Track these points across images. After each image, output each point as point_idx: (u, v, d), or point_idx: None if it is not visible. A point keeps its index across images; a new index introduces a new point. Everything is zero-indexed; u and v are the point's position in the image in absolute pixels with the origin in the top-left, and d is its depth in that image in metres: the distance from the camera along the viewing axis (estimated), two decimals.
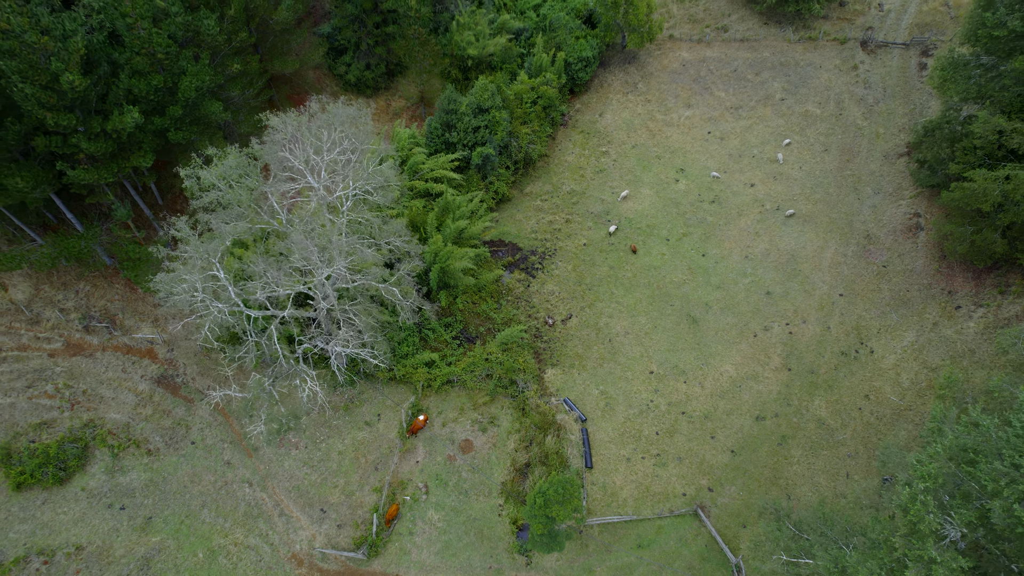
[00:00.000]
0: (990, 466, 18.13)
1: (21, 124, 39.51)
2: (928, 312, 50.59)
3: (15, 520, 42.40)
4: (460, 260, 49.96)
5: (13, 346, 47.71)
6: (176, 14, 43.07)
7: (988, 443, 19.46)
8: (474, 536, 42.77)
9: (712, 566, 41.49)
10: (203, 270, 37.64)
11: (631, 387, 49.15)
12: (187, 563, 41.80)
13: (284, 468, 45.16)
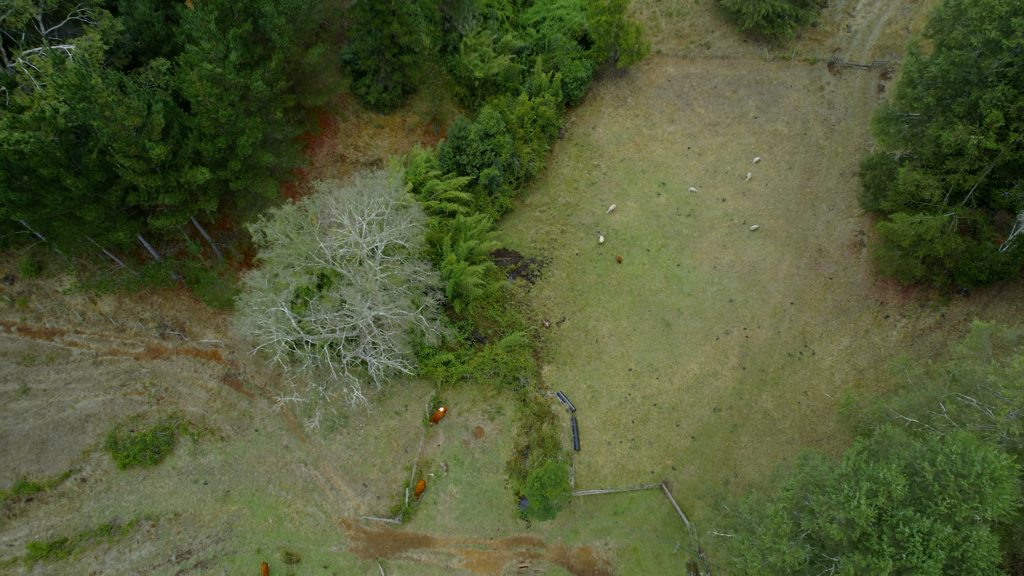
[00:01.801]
0: (818, 497, 29.22)
1: (119, 187, 49.37)
2: (862, 320, 61.44)
3: (125, 493, 54.51)
4: (471, 276, 60.37)
5: (106, 351, 58.84)
6: (233, 82, 52.07)
7: (820, 479, 30.52)
8: (485, 505, 55.01)
9: (672, 529, 53.82)
10: (267, 305, 48.30)
11: (613, 382, 60.52)
12: (260, 527, 54.16)
13: (332, 451, 57.05)
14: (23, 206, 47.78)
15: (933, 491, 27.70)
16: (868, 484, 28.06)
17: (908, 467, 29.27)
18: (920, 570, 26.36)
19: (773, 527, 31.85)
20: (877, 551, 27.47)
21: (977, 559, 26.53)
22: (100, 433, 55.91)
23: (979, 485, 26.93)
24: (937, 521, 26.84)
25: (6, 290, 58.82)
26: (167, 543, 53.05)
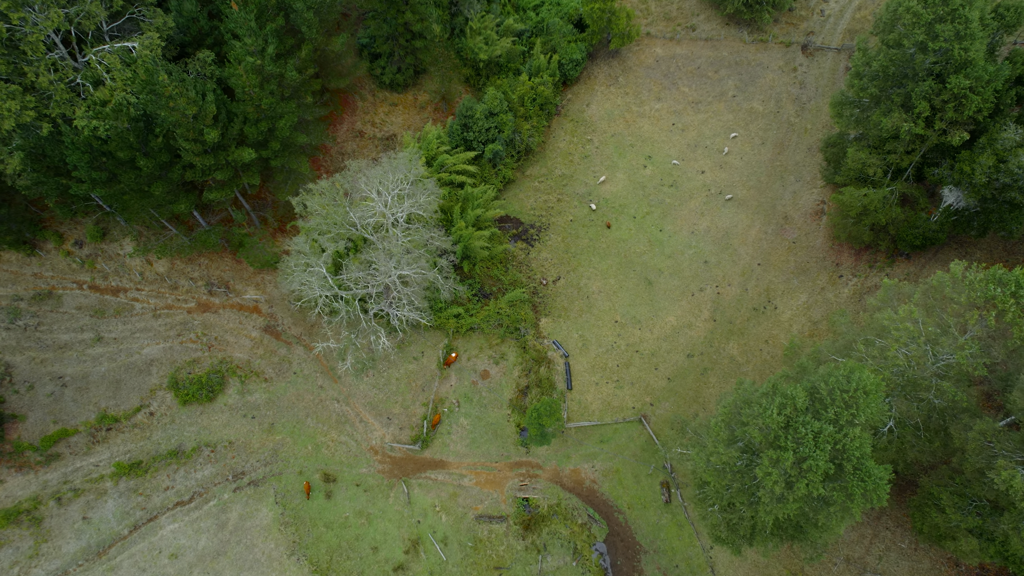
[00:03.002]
0: (746, 410, 39.46)
1: (179, 166, 58.88)
2: (819, 279, 71.41)
3: (186, 425, 65.30)
4: (478, 240, 70.17)
5: (163, 306, 69.03)
6: (271, 72, 61.04)
7: (749, 397, 40.65)
8: (491, 435, 65.85)
9: (648, 454, 64.70)
10: (308, 266, 58.26)
11: (601, 332, 70.82)
12: (302, 452, 65.08)
13: (360, 390, 67.69)
14: (102, 183, 57.34)
15: (825, 403, 37.84)
16: (780, 399, 38.24)
17: (812, 387, 39.38)
18: (812, 458, 36.66)
19: (714, 435, 42.22)
20: (783, 447, 37.75)
21: (852, 450, 36.75)
22: (163, 375, 66.49)
23: (856, 397, 37.00)
24: (826, 423, 37.00)
25: (76, 253, 68.75)
26: (224, 465, 64.06)
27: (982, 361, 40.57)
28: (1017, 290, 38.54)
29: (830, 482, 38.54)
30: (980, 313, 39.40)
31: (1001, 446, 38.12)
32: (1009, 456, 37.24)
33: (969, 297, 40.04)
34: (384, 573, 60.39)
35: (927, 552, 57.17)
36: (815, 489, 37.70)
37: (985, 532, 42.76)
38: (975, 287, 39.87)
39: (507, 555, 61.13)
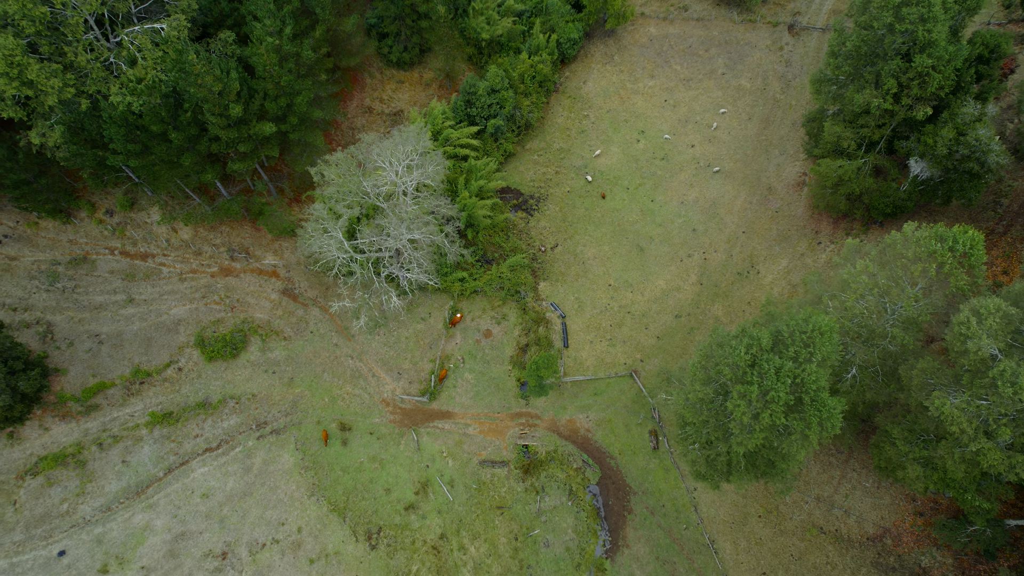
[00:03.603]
0: (718, 351, 45.39)
1: (206, 138, 64.38)
2: (800, 246, 77.17)
3: (212, 379, 71.43)
4: (481, 209, 75.84)
5: (188, 270, 74.87)
6: (288, 51, 66.29)
7: (721, 340, 46.53)
8: (493, 388, 72.03)
9: (638, 405, 70.91)
10: (326, 231, 63.98)
11: (595, 295, 76.74)
12: (319, 404, 71.29)
13: (372, 347, 73.75)
14: (136, 154, 62.92)
15: (787, 343, 43.74)
16: (747, 340, 44.19)
17: (776, 330, 45.25)
18: (774, 390, 42.65)
19: (691, 376, 48.26)
20: (750, 382, 43.73)
21: (809, 383, 42.69)
22: (190, 333, 72.51)
23: (813, 337, 42.87)
24: (786, 360, 42.92)
25: (108, 221, 74.45)
26: (248, 416, 70.30)
27: (927, 308, 46.49)
28: (954, 244, 44.29)
29: (791, 413, 44.62)
30: (923, 266, 45.20)
31: (938, 381, 44.09)
32: (943, 388, 43.21)
33: (915, 252, 45.83)
34: (396, 512, 66.85)
35: (888, 490, 63.62)
36: (778, 419, 43.79)
37: (929, 461, 48.92)
38: (920, 243, 45.65)
39: (508, 496, 67.56)
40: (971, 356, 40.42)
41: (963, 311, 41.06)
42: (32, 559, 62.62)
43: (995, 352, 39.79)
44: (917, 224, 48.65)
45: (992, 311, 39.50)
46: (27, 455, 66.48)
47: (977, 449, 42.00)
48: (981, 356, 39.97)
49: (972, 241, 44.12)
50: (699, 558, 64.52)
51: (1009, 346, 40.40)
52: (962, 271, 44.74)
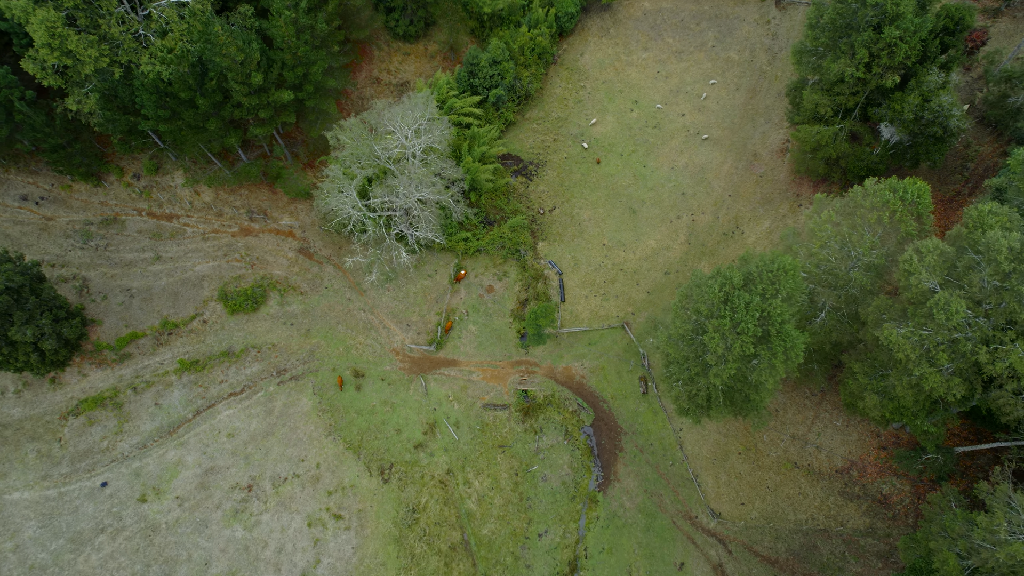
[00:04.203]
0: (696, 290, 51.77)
1: (230, 105, 70.21)
2: (782, 208, 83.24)
3: (234, 331, 77.84)
4: (484, 173, 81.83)
5: (210, 230, 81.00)
6: (304, 24, 71.88)
7: (699, 281, 52.97)
8: (495, 339, 78.50)
9: (630, 354, 77.41)
10: (341, 190, 70.02)
11: (590, 254, 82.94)
12: (334, 353, 77.78)
13: (383, 302, 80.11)
14: (165, 119, 68.76)
15: (755, 281, 49.98)
16: (720, 279, 50.48)
17: (747, 272, 51.46)
18: (744, 322, 48.93)
19: (673, 314, 54.64)
20: (723, 316, 50.02)
21: (775, 316, 48.91)
22: (213, 288, 78.83)
23: (778, 275, 49.07)
24: (755, 296, 49.16)
25: (135, 184, 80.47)
26: (269, 364, 76.83)
27: (882, 253, 52.69)
28: (904, 194, 50.33)
29: (760, 344, 51.01)
30: (879, 214, 51.30)
31: (889, 315, 50.37)
32: (893, 321, 49.48)
33: (872, 202, 51.94)
34: (406, 450, 73.61)
35: (855, 427, 70.31)
36: (747, 349, 50.19)
37: (884, 391, 55.37)
38: (877, 194, 51.74)
39: (509, 436, 74.28)
40: (913, 290, 46.73)
41: (908, 251, 47.29)
42: (78, 489, 69.48)
43: (933, 286, 46.05)
44: (877, 179, 54.77)
45: (931, 250, 45.73)
46: (68, 398, 73.10)
47: (920, 374, 48.42)
48: (921, 289, 46.27)
49: (919, 191, 50.27)
50: (683, 491, 71.35)
51: (945, 281, 46.65)
52: (911, 218, 50.91)
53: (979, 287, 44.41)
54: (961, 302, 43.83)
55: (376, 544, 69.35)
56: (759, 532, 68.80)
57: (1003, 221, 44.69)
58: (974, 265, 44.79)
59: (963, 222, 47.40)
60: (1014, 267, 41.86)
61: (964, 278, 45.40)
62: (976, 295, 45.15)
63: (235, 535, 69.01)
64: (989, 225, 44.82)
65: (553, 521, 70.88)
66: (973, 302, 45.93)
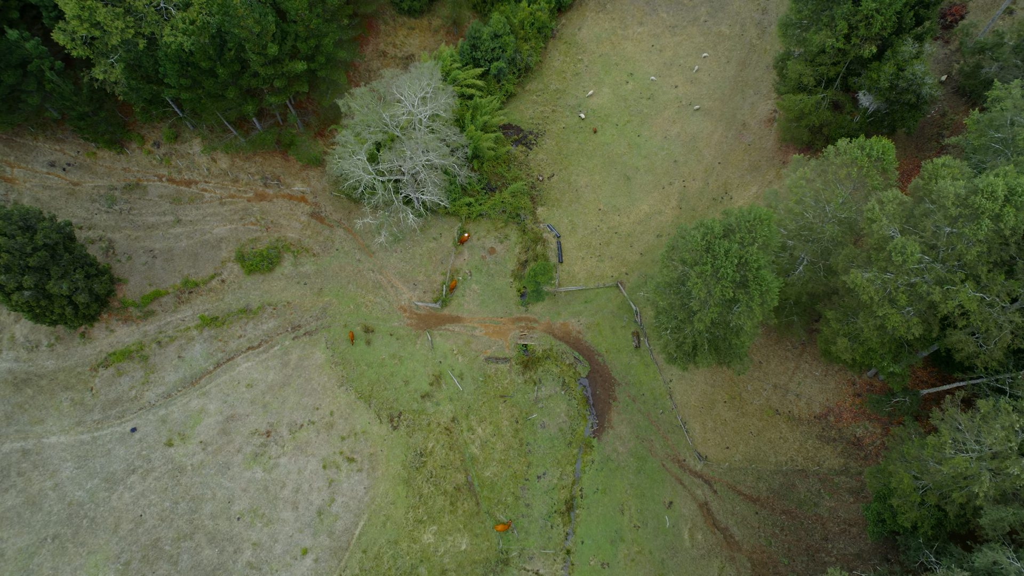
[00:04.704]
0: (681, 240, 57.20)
1: (247, 74, 75.30)
2: (768, 174, 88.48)
3: (251, 290, 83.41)
4: (486, 141, 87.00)
5: (227, 195, 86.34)
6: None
7: (684, 232, 58.22)
8: (497, 297, 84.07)
9: (623, 311, 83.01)
10: (352, 155, 75.30)
11: (587, 218, 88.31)
12: (345, 310, 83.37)
13: (390, 262, 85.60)
14: (187, 88, 73.88)
15: (734, 230, 55.41)
16: (703, 229, 55.92)
17: (727, 223, 56.87)
18: (724, 267, 54.39)
19: (660, 263, 60.10)
20: (704, 263, 55.50)
21: (752, 262, 54.32)
22: (230, 250, 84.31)
23: (755, 224, 54.46)
24: (733, 243, 54.56)
25: (155, 152, 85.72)
26: (284, 320, 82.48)
27: (852, 206, 58.09)
28: (870, 151, 55.62)
29: (738, 288, 56.53)
30: (848, 170, 56.65)
31: (856, 262, 55.84)
32: (859, 266, 54.98)
33: (842, 160, 57.27)
34: (414, 399, 79.41)
35: (833, 377, 76.07)
36: (727, 293, 55.71)
37: (854, 336, 60.95)
38: (846, 152, 57.07)
39: (510, 387, 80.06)
40: (875, 236, 52.18)
41: (871, 201, 52.69)
42: (110, 434, 75.39)
43: (893, 232, 51.49)
44: (849, 140, 60.06)
45: (891, 199, 51.14)
46: (97, 351, 78.83)
47: (883, 315, 53.96)
48: (882, 235, 51.72)
49: (884, 148, 55.61)
50: (672, 436, 77.24)
51: (904, 228, 52.08)
52: (877, 173, 56.26)
53: (931, 232, 49.83)
54: (916, 245, 49.28)
55: (386, 485, 75.35)
56: (742, 473, 74.75)
57: (954, 172, 50.01)
58: (928, 212, 50.18)
59: (920, 174, 52.70)
60: (960, 212, 47.22)
61: (919, 224, 50.80)
62: (930, 240, 50.59)
63: (255, 476, 75.00)
64: (942, 176, 50.15)
65: (551, 464, 76.82)
66: (928, 247, 51.38)
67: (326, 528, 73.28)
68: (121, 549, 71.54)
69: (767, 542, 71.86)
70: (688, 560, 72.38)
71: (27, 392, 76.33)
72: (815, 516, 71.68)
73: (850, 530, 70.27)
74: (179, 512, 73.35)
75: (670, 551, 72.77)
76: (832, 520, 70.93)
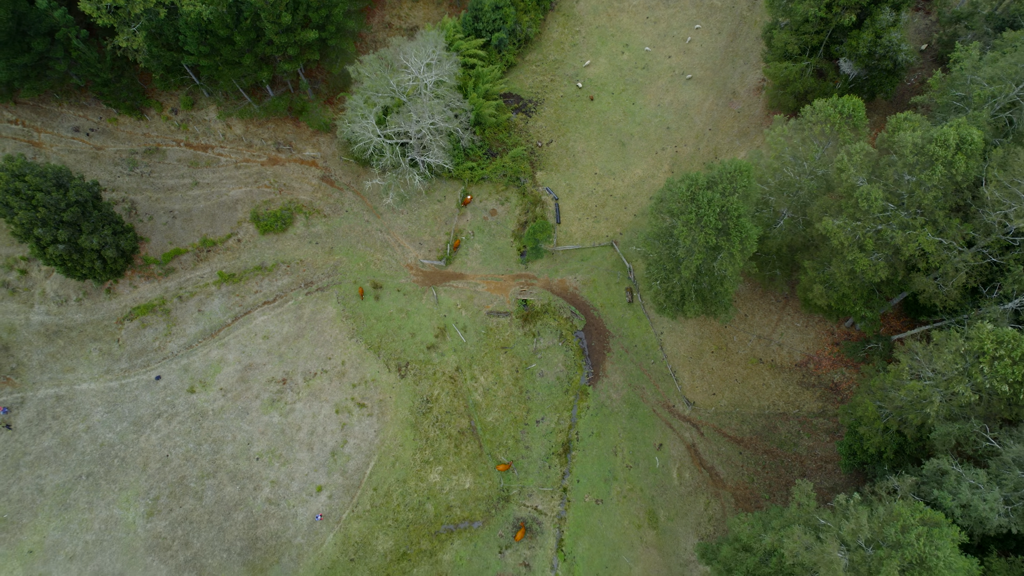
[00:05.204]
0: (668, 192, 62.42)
1: (263, 42, 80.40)
2: (756, 140, 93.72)
3: (266, 249, 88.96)
4: (488, 108, 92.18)
5: (242, 159, 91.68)
6: None
7: (672, 186, 63.54)
8: (498, 256, 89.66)
9: (618, 268, 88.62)
10: (362, 118, 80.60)
11: (584, 181, 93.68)
12: (355, 268, 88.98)
13: (397, 223, 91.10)
14: (205, 55, 78.99)
15: (717, 180, 60.86)
16: (687, 181, 61.35)
17: (710, 175, 62.28)
18: (706, 215, 59.86)
19: (649, 215, 65.64)
20: (689, 212, 60.95)
21: (732, 210, 59.76)
22: (246, 211, 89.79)
23: (735, 175, 59.87)
24: (715, 193, 59.98)
25: (173, 118, 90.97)
26: (297, 277, 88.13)
27: (826, 160, 63.50)
28: (843, 109, 60.98)
29: (720, 236, 62.04)
30: (822, 127, 62.04)
31: (829, 212, 61.34)
32: (830, 214, 60.49)
33: (817, 117, 62.63)
34: (420, 350, 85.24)
35: (813, 327, 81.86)
36: (710, 240, 61.26)
37: (828, 282, 66.58)
38: (821, 110, 62.42)
39: (511, 339, 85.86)
40: (844, 184, 57.66)
41: (840, 152, 58.13)
42: (136, 381, 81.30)
43: (860, 181, 56.97)
44: (825, 100, 65.36)
45: (858, 151, 56.56)
46: (122, 306, 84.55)
47: (852, 259, 59.56)
48: (851, 184, 57.20)
49: (854, 106, 60.97)
50: (663, 384, 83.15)
51: (870, 177, 57.56)
52: (848, 129, 61.65)
53: (894, 180, 55.30)
54: (880, 192, 54.78)
55: (395, 428, 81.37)
56: (727, 417, 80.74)
57: (914, 125, 55.41)
58: (892, 163, 55.61)
59: (885, 128, 58.10)
60: (917, 159, 52.64)
61: (884, 174, 56.26)
62: (893, 188, 56.08)
63: (272, 420, 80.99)
64: (904, 129, 55.51)
65: (549, 410, 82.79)
66: (892, 194, 56.88)
67: (339, 467, 79.38)
68: (150, 486, 77.69)
69: (749, 479, 77.97)
70: (676, 497, 78.53)
71: (59, 343, 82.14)
72: (794, 455, 77.74)
73: (826, 466, 76.36)
74: (202, 453, 79.40)
75: (660, 489, 78.89)
76: (810, 458, 77.00)
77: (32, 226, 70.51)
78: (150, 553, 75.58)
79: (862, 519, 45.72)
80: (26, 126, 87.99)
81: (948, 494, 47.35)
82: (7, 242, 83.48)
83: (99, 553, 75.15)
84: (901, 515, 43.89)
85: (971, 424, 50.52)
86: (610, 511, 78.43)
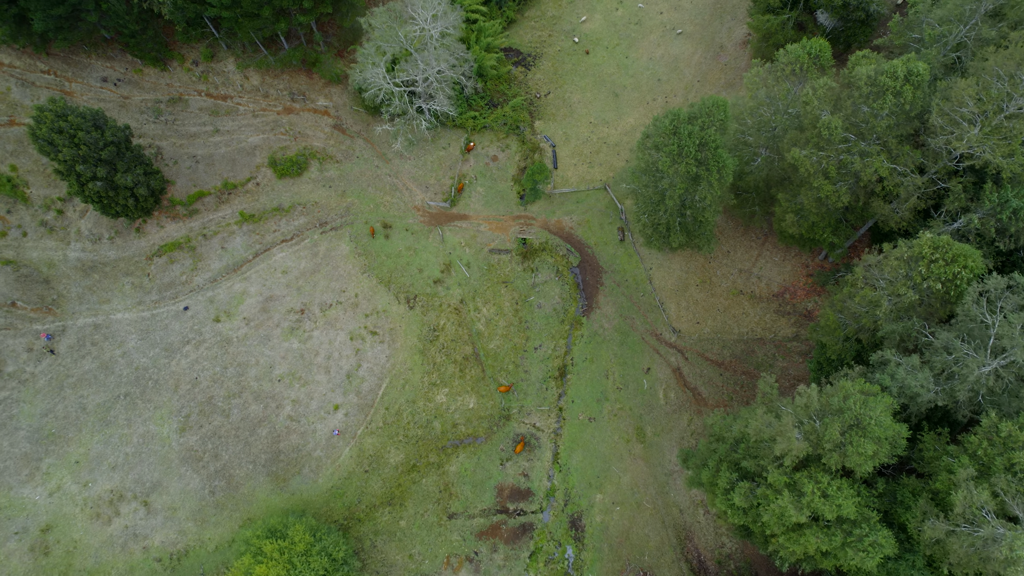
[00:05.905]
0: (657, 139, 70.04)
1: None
2: (741, 91, 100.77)
3: (282, 191, 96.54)
4: (489, 61, 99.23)
5: (259, 109, 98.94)
6: None
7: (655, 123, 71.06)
8: (499, 198, 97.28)
9: (610, 209, 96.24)
10: (373, 66, 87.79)
11: (579, 130, 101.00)
12: (366, 209, 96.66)
13: (405, 168, 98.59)
14: (227, 7, 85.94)
15: (697, 115, 68.29)
16: (671, 115, 68.86)
17: (692, 111, 69.72)
18: (687, 146, 67.39)
19: (637, 150, 73.26)
20: (671, 143, 68.42)
21: (710, 142, 67.19)
22: (263, 156, 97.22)
23: (713, 110, 67.32)
24: (695, 127, 67.47)
25: (194, 70, 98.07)
26: (313, 217, 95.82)
27: (797, 99, 70.86)
28: (811, 50, 68.23)
29: (700, 166, 69.56)
30: (792, 67, 69.35)
31: (798, 144, 68.82)
32: (799, 145, 67.99)
33: (788, 59, 69.91)
34: (427, 284, 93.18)
35: (790, 261, 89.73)
36: (691, 169, 68.82)
37: (799, 211, 74.21)
38: (792, 52, 69.67)
39: (511, 274, 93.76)
40: (810, 116, 65.16)
41: (805, 87, 65.55)
42: (166, 312, 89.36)
43: (824, 112, 64.43)
44: (796, 44, 72.57)
45: (822, 85, 63.97)
46: (151, 244, 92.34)
47: (818, 185, 67.20)
48: (815, 115, 64.68)
49: (821, 47, 68.26)
50: (651, 315, 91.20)
51: (832, 109, 65.02)
52: (815, 68, 68.99)
53: (852, 110, 62.81)
54: (839, 122, 62.30)
55: (405, 354, 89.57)
56: (710, 343, 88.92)
57: (871, 61, 62.74)
58: (850, 95, 63.05)
59: (847, 65, 65.43)
60: (870, 89, 60.07)
61: (843, 106, 63.74)
62: (851, 118, 63.59)
63: (292, 346, 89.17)
64: (861, 65, 62.84)
65: (546, 338, 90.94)
66: (852, 124, 64.39)
67: (354, 388, 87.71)
68: (182, 405, 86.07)
69: (729, 398, 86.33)
70: (662, 415, 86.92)
71: (94, 277, 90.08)
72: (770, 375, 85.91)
73: (798, 385, 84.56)
74: (228, 375, 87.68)
75: (647, 407, 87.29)
76: (784, 377, 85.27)
77: (74, 163, 78.03)
78: (184, 464, 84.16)
79: (813, 396, 53.94)
80: (58, 76, 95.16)
81: (888, 376, 55.43)
82: (44, 183, 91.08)
83: (138, 464, 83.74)
84: (844, 387, 52.07)
85: (913, 323, 58.43)
86: (602, 428, 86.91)
